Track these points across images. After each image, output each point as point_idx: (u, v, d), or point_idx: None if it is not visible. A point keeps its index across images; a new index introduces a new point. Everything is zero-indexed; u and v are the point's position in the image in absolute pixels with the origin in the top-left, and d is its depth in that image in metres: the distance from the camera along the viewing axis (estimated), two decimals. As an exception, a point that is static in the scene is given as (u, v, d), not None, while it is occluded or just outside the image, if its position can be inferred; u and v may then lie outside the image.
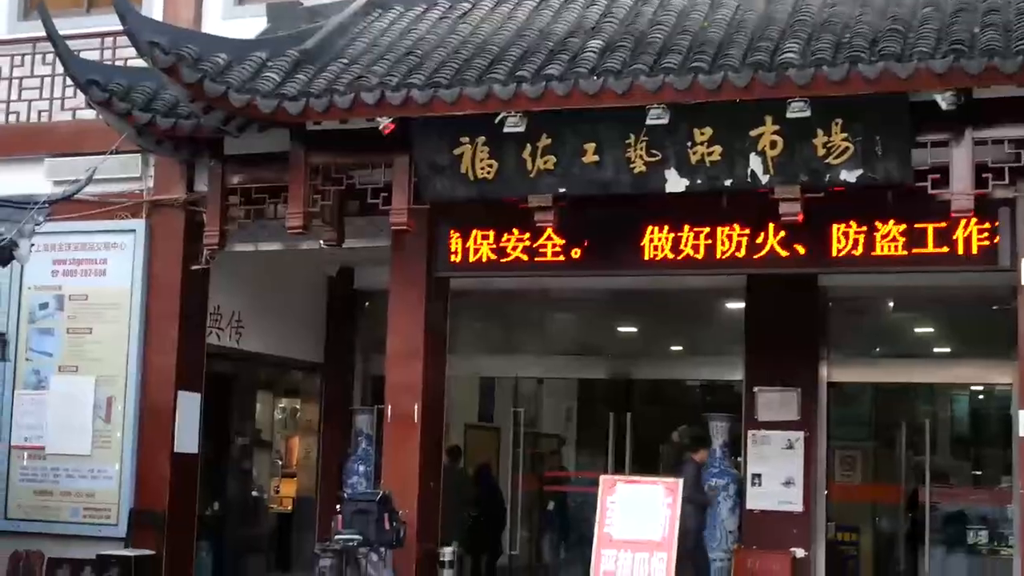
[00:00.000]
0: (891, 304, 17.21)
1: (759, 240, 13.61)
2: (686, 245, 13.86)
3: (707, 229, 13.77)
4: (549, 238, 14.18)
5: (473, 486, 17.98)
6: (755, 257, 13.66)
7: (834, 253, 13.37)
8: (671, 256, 13.90)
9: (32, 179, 15.73)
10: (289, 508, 18.88)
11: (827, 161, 12.14)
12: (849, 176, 12.14)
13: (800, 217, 12.60)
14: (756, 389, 15.81)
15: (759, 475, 15.55)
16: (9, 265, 14.23)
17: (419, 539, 14.10)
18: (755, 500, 15.58)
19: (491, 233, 14.47)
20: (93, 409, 15.63)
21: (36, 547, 15.57)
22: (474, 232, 14.54)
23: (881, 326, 17.36)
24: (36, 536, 15.57)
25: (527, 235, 14.26)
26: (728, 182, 12.63)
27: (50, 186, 15.42)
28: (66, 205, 14.33)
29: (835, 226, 13.29)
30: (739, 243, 13.69)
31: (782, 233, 13.41)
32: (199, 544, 16.22)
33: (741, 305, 16.30)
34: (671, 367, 19.33)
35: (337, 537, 12.84)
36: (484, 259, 14.50)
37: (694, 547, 14.65)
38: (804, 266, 13.77)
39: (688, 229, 13.83)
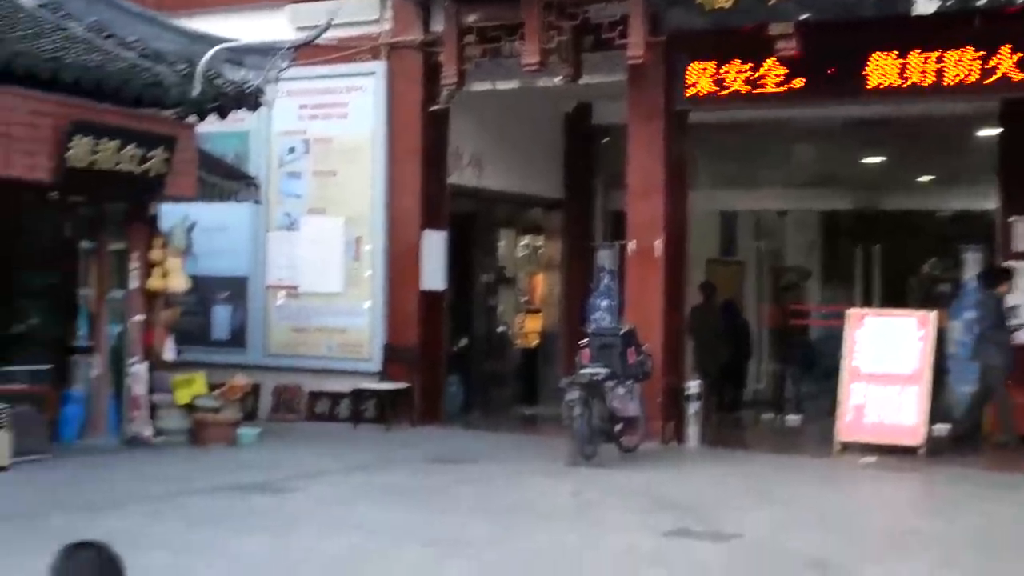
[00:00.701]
0: None
1: (991, 64, 12.97)
2: (913, 72, 13.32)
3: (936, 54, 13.19)
4: (770, 68, 13.84)
5: (720, 320, 17.92)
6: (986, 83, 13.04)
7: (1076, 76, 12.68)
8: (896, 83, 13.39)
9: (275, 26, 16.02)
10: (534, 343, 19.16)
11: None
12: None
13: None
14: (1012, 218, 15.16)
15: (1015, 308, 14.98)
16: (257, 111, 14.63)
17: (664, 372, 14.19)
18: (1011, 333, 15.03)
19: (717, 65, 14.18)
20: (343, 248, 16.10)
21: (296, 381, 16.27)
22: (711, 64, 14.25)
23: None
24: (295, 371, 16.27)
25: (747, 66, 13.98)
26: (981, 1, 12.01)
27: (292, 32, 15.68)
28: (308, 50, 14.59)
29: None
30: (970, 68, 13.08)
31: (1018, 55, 12.74)
32: (448, 378, 16.70)
33: (996, 132, 15.58)
34: (920, 197, 18.74)
35: (583, 371, 12.98)
36: (722, 91, 14.23)
37: (995, 386, 14.23)
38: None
39: (916, 55, 13.28)
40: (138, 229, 14.00)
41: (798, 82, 13.81)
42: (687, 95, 14.38)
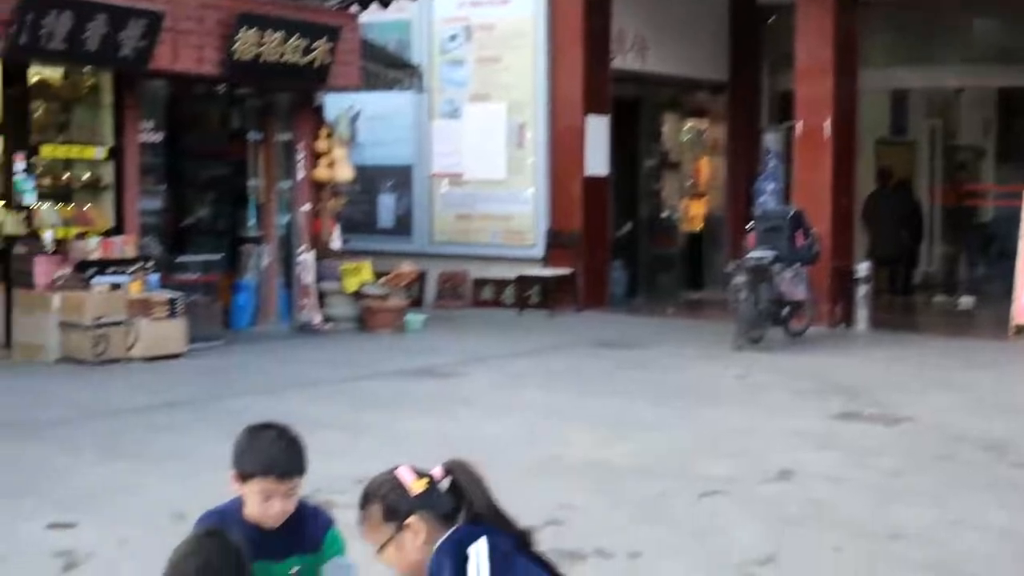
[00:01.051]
0: None
1: None
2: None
3: None
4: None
5: (896, 206, 17.49)
6: None
7: None
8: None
9: (435, -89, 15.94)
10: (699, 227, 18.98)
11: None
12: None
13: None
14: None
15: None
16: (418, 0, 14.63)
17: (833, 255, 13.93)
18: None
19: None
20: (506, 135, 16.07)
21: (460, 268, 16.39)
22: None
23: None
24: (459, 258, 16.39)
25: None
26: None
27: (452, -83, 15.58)
28: (468, -65, 14.47)
29: None
30: None
31: None
32: (613, 263, 16.66)
33: None
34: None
35: (749, 255, 12.81)
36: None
37: None
38: None
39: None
40: (304, 120, 14.16)
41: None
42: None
